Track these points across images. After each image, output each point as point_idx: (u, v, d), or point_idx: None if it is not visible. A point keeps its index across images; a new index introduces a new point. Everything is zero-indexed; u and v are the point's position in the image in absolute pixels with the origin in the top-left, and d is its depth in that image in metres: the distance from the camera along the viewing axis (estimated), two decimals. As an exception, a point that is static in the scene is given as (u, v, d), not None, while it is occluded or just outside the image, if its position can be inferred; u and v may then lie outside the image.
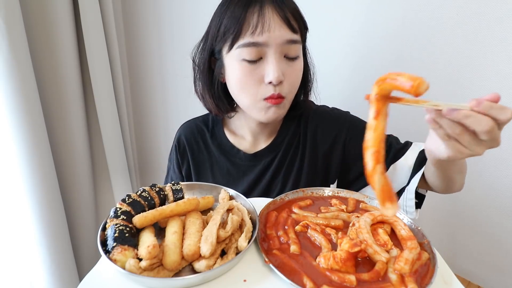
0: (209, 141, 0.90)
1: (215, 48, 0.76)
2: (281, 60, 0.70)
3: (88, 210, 1.50)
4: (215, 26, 0.74)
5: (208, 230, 0.51)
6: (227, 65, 0.75)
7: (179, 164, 0.93)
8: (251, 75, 0.71)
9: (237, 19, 0.68)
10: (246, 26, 0.68)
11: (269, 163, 0.86)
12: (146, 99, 1.83)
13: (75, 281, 1.39)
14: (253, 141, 0.88)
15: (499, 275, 1.05)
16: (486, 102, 0.43)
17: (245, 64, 0.70)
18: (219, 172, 0.88)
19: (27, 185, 1.18)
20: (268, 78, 0.69)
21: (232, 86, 0.76)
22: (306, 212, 0.62)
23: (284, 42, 0.69)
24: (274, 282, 0.47)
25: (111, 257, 0.46)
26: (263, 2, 0.68)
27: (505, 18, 0.86)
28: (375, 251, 0.50)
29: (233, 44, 0.70)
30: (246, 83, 0.72)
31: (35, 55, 1.20)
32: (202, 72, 0.80)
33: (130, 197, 0.57)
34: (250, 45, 0.68)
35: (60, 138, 1.35)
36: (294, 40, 0.70)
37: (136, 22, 1.67)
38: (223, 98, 0.81)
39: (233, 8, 0.70)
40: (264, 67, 0.70)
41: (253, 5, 0.68)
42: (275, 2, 0.69)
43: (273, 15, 0.68)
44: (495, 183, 0.99)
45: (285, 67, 0.71)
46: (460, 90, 0.98)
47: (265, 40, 0.68)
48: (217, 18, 0.73)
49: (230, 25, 0.69)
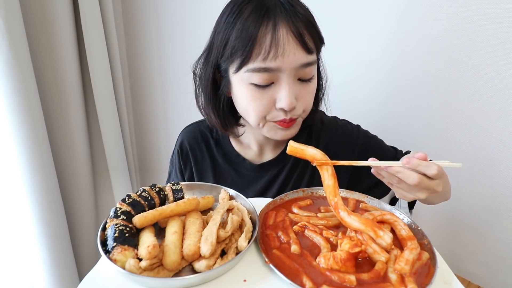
0: (213, 148, 0.87)
1: (221, 65, 0.69)
2: (294, 83, 0.65)
3: (88, 210, 1.50)
4: (221, 42, 0.66)
5: (208, 230, 0.51)
6: (233, 84, 0.69)
7: (181, 170, 0.90)
8: (261, 99, 0.65)
9: (247, 39, 0.61)
10: (257, 49, 0.61)
11: (275, 175, 0.82)
12: (146, 99, 1.83)
13: (75, 281, 1.39)
14: (260, 151, 0.84)
15: (499, 275, 1.05)
16: (415, 160, 0.54)
17: (254, 88, 0.65)
18: (223, 180, 0.84)
19: (27, 185, 1.18)
20: (280, 104, 0.64)
21: (240, 106, 0.71)
22: (306, 212, 0.62)
23: (299, 66, 0.63)
24: (274, 282, 0.47)
25: (111, 257, 0.46)
26: (276, 18, 0.61)
27: (505, 18, 0.86)
28: (375, 251, 0.50)
29: (241, 66, 0.63)
30: (255, 107, 0.67)
31: (35, 55, 1.21)
32: (206, 88, 0.74)
33: (130, 197, 0.57)
34: (261, 71, 0.62)
35: (60, 138, 1.35)
36: (310, 62, 0.64)
37: (136, 22, 1.67)
38: (229, 116, 0.76)
39: (242, 23, 0.62)
40: (275, 90, 0.65)
41: (265, 22, 0.60)
42: (290, 18, 0.61)
43: (287, 36, 0.61)
44: (495, 183, 0.99)
45: (298, 89, 0.66)
46: (461, 90, 0.98)
47: (278, 66, 0.61)
48: (222, 32, 0.65)
49: (238, 46, 0.62)
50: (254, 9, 0.62)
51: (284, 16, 0.61)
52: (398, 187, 0.58)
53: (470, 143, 1.01)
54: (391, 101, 1.12)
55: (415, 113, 1.08)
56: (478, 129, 0.98)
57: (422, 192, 0.56)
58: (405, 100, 1.10)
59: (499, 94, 0.92)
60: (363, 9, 1.09)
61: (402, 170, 0.55)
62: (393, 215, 0.58)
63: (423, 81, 1.04)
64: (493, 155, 0.97)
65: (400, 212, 0.61)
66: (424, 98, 1.05)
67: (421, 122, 1.08)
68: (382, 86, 1.13)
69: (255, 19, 0.61)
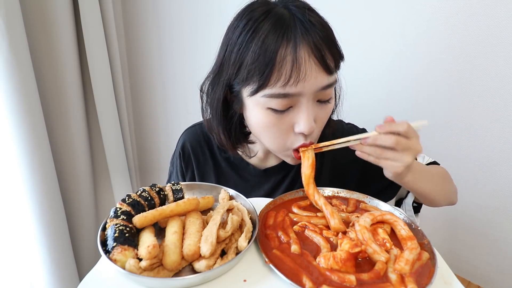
0: (216, 151, 0.84)
1: (233, 86, 0.64)
2: (313, 106, 0.62)
3: (88, 210, 1.50)
4: (234, 63, 0.61)
5: (208, 230, 0.51)
6: (247, 107, 0.65)
7: (183, 172, 0.88)
8: (278, 124, 0.62)
9: (265, 64, 0.56)
10: (276, 75, 0.56)
11: (280, 181, 0.81)
12: (146, 99, 1.83)
13: (75, 281, 1.39)
14: (264, 156, 0.82)
15: (499, 275, 1.05)
16: (385, 124, 0.58)
17: (271, 113, 0.61)
18: (225, 184, 0.80)
19: (27, 185, 1.18)
20: (299, 128, 0.61)
21: (254, 129, 0.67)
22: (306, 212, 0.62)
23: (319, 88, 0.59)
24: (274, 282, 0.47)
25: (111, 257, 0.46)
26: (297, 38, 0.56)
27: (505, 18, 0.86)
28: (374, 251, 0.50)
29: (257, 91, 0.59)
30: (273, 132, 0.63)
31: (35, 55, 1.20)
32: (216, 108, 0.69)
33: (130, 197, 0.57)
34: (280, 96, 0.58)
35: (60, 138, 1.35)
36: (331, 84, 0.61)
37: (136, 22, 1.67)
38: (240, 135, 0.73)
39: (259, 44, 0.56)
40: (293, 114, 0.61)
41: (285, 43, 0.56)
42: (310, 37, 0.56)
43: (309, 58, 0.56)
44: (495, 184, 0.99)
45: (317, 111, 0.63)
46: (461, 90, 0.98)
47: (299, 91, 0.58)
48: (236, 52, 0.60)
49: (255, 69, 0.57)
50: (272, 28, 0.56)
51: (304, 37, 0.56)
52: (386, 157, 0.58)
53: (470, 143, 1.01)
54: (391, 102, 1.12)
55: (415, 114, 1.08)
56: (478, 129, 0.98)
57: (406, 154, 0.58)
58: (405, 100, 1.10)
59: (499, 94, 0.92)
60: (364, 10, 1.09)
61: (378, 136, 0.57)
62: (393, 215, 0.58)
63: (423, 82, 1.04)
64: (493, 155, 0.97)
65: (400, 212, 0.61)
66: (424, 99, 1.06)
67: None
68: (382, 86, 1.13)
69: (274, 40, 0.56)
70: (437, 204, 0.76)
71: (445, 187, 0.76)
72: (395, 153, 0.58)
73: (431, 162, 0.83)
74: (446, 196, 0.76)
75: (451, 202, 0.79)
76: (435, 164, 0.82)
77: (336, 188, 0.69)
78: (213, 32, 1.44)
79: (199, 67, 0.79)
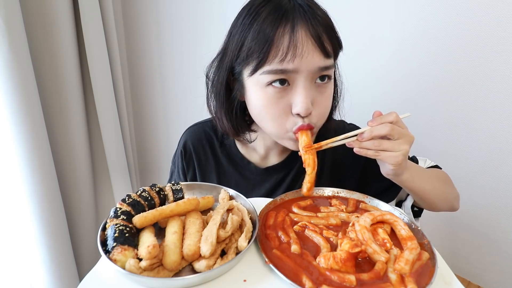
0: (217, 150, 0.85)
1: (235, 68, 0.68)
2: (311, 87, 0.63)
3: (88, 210, 1.50)
4: (236, 44, 0.64)
5: (208, 230, 0.51)
6: (248, 89, 0.67)
7: (184, 170, 0.89)
8: (277, 103, 0.64)
9: (264, 41, 0.59)
10: (274, 51, 0.60)
11: (281, 179, 0.81)
12: (146, 99, 1.83)
13: (75, 281, 1.39)
14: (265, 155, 0.82)
15: (499, 275, 1.05)
16: (376, 117, 0.62)
17: (270, 91, 0.63)
18: (226, 183, 0.81)
19: (27, 185, 1.18)
20: (296, 109, 0.63)
21: (255, 112, 0.69)
22: (306, 212, 0.62)
23: (316, 69, 0.62)
24: (274, 282, 0.47)
25: (111, 257, 0.46)
26: (295, 20, 0.59)
27: (505, 18, 0.86)
28: (374, 251, 0.50)
29: (257, 69, 0.62)
30: (272, 113, 0.65)
31: (35, 55, 1.20)
32: (219, 91, 0.72)
33: (130, 197, 0.57)
34: (277, 72, 0.61)
35: (60, 138, 1.35)
36: (327, 66, 0.63)
37: (136, 22, 1.67)
38: (242, 121, 0.75)
39: (259, 24, 0.60)
40: (291, 95, 0.63)
41: (283, 24, 0.59)
42: (308, 20, 0.60)
43: (306, 38, 0.59)
44: (495, 183, 0.99)
45: (315, 94, 0.64)
46: (461, 90, 0.98)
47: (295, 67, 0.60)
48: (238, 34, 0.64)
49: (255, 48, 0.61)
50: (271, 11, 0.60)
51: (303, 18, 0.60)
52: (384, 148, 0.61)
53: (470, 143, 1.01)
54: (391, 101, 1.12)
55: (415, 113, 1.08)
56: (478, 129, 0.98)
57: (402, 142, 0.61)
58: (405, 100, 1.10)
59: (499, 94, 0.92)
60: (366, 11, 1.09)
61: (374, 128, 0.61)
62: (393, 215, 0.58)
63: (423, 82, 1.04)
64: (493, 155, 0.97)
65: (400, 212, 0.61)
66: (424, 98, 1.06)
67: (422, 122, 1.08)
68: (382, 86, 1.13)
69: (273, 20, 0.59)
70: (437, 208, 0.76)
71: (445, 190, 0.76)
72: (392, 143, 0.61)
73: (433, 166, 0.83)
74: (446, 200, 0.76)
75: (452, 207, 0.78)
76: (437, 168, 0.82)
77: (336, 188, 0.69)
78: (213, 32, 1.44)
79: (199, 67, 0.79)
